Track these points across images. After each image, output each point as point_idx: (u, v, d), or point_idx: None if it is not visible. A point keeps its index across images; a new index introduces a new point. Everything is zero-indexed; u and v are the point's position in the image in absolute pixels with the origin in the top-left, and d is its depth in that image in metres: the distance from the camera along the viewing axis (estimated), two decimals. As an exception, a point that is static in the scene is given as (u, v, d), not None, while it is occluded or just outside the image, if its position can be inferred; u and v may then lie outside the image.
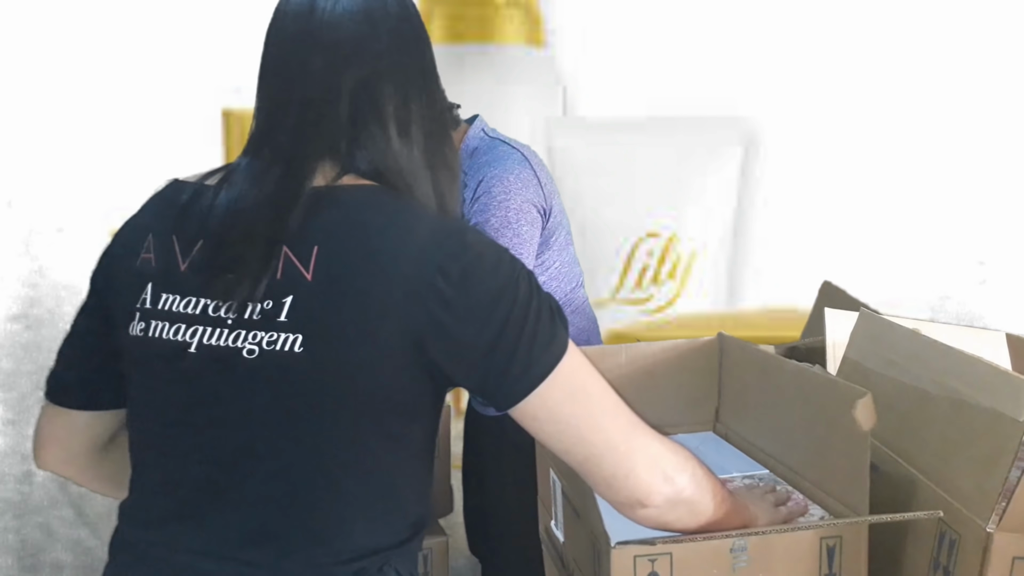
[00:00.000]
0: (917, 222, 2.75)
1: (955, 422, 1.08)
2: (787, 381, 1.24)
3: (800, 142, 2.69)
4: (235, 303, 0.86)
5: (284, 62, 0.92)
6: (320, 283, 0.84)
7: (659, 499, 0.90)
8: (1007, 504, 0.99)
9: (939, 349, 1.15)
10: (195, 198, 0.93)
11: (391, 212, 0.87)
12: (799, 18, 2.64)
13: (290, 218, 0.86)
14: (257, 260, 0.85)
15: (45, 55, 2.46)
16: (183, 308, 0.89)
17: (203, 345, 0.87)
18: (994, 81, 2.67)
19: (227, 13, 2.49)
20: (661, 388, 1.46)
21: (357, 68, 0.90)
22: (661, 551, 0.98)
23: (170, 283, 0.91)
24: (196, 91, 2.50)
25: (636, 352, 1.45)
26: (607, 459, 0.89)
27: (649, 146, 2.76)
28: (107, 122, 2.50)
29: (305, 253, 0.85)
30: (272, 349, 0.85)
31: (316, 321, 0.84)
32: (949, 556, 1.06)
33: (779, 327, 2.62)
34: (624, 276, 2.83)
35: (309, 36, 0.90)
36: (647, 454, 0.90)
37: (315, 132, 0.90)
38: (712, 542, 0.99)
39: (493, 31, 2.71)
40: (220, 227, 0.88)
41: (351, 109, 0.90)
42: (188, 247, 0.90)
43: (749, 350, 1.38)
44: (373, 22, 0.91)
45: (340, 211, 0.87)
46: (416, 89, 0.94)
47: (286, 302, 0.84)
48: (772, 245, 2.76)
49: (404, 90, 0.92)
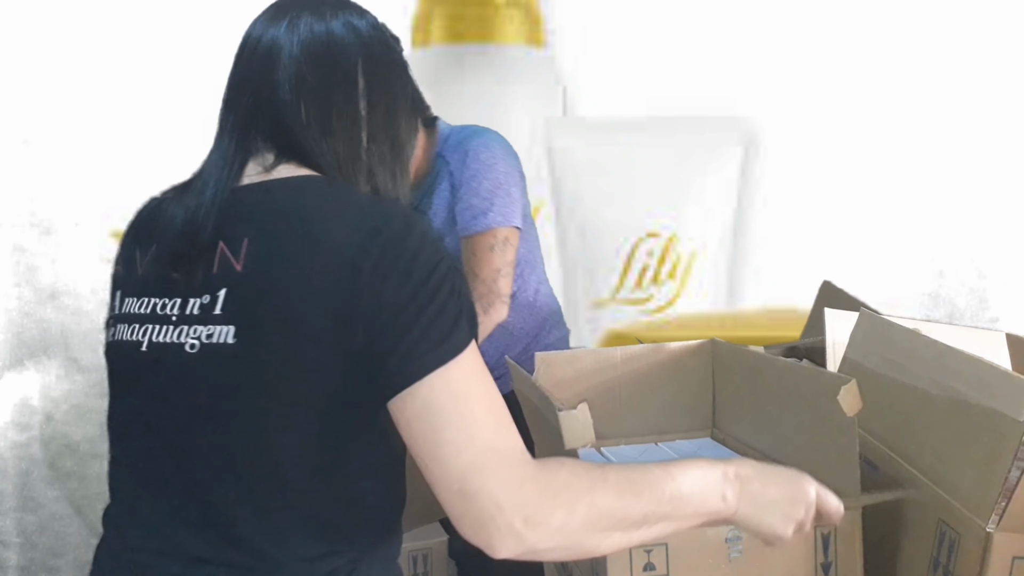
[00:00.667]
0: (917, 222, 2.75)
1: (955, 422, 1.08)
2: (776, 379, 1.26)
3: (800, 142, 2.69)
4: (178, 300, 0.88)
5: (243, 71, 0.98)
6: (249, 273, 0.86)
7: (504, 552, 0.77)
8: (1007, 504, 0.99)
9: (939, 349, 1.15)
10: (156, 206, 0.98)
11: (321, 198, 0.89)
12: (799, 18, 2.64)
13: (226, 213, 0.88)
14: (194, 257, 0.87)
15: (45, 55, 2.46)
16: (138, 309, 0.92)
17: (152, 343, 0.90)
18: (994, 81, 2.67)
19: (227, 13, 2.49)
20: (656, 392, 1.47)
21: (310, 76, 0.94)
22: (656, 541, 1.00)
23: (129, 287, 0.95)
24: (196, 91, 2.50)
25: (630, 354, 1.47)
26: (440, 493, 0.79)
27: (649, 146, 2.76)
28: (107, 122, 2.50)
29: (237, 245, 0.87)
30: (210, 342, 0.85)
31: (246, 312, 0.85)
32: (949, 556, 1.06)
33: (779, 327, 2.62)
34: (624, 276, 2.83)
35: (268, 59, 0.94)
36: (486, 501, 0.76)
37: (256, 128, 0.94)
38: (707, 533, 1.00)
39: (493, 31, 2.70)
40: (167, 228, 0.92)
41: (295, 104, 0.93)
42: (144, 251, 0.94)
43: (740, 352, 1.39)
44: (334, 56, 0.95)
45: (272, 201, 0.89)
46: (374, 93, 0.96)
47: (220, 295, 0.86)
48: (772, 245, 2.76)
49: (353, 93, 0.95)
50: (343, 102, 0.94)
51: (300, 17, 0.95)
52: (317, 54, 0.94)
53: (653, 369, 1.47)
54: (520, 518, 0.76)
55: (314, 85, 0.93)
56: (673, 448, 1.43)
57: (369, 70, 0.96)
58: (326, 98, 0.94)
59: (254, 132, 0.94)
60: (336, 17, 0.96)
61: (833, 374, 1.09)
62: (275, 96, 0.93)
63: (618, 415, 1.46)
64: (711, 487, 0.86)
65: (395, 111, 0.98)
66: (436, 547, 1.61)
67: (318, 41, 0.94)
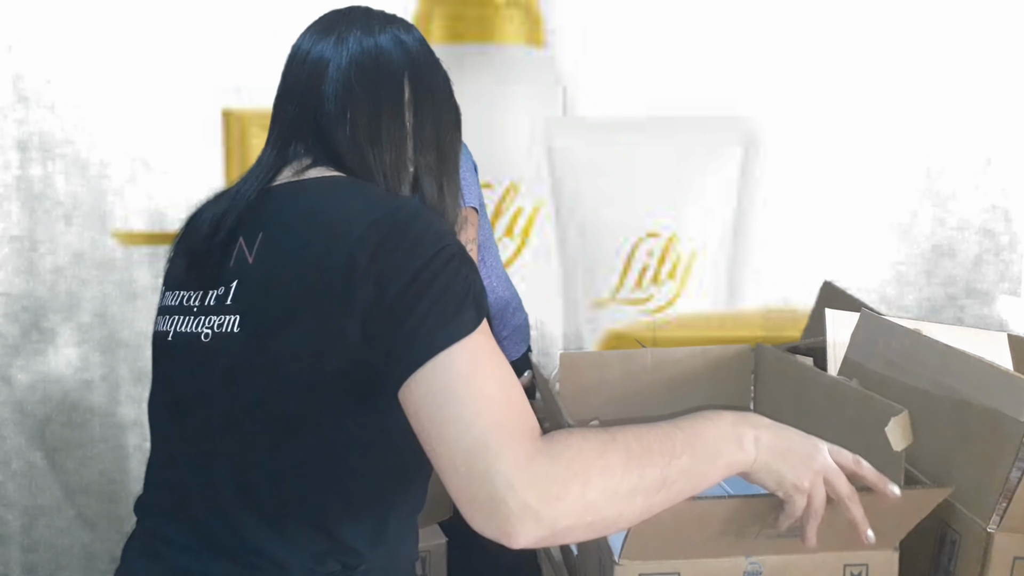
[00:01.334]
0: (917, 222, 2.75)
1: (955, 422, 1.08)
2: (822, 396, 1.18)
3: (800, 142, 2.69)
4: (200, 292, 0.92)
5: (290, 84, 1.01)
6: (259, 265, 0.88)
7: (524, 537, 0.71)
8: (1007, 504, 0.99)
9: (939, 349, 1.15)
10: (200, 210, 1.02)
11: (340, 195, 0.90)
12: (799, 18, 2.63)
13: (253, 211, 0.92)
14: (215, 251, 0.91)
15: (44, 55, 2.45)
16: (171, 302, 0.97)
17: (176, 333, 0.94)
18: (993, 81, 2.67)
19: (227, 13, 2.49)
20: (689, 398, 1.39)
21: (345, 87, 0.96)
22: (668, 568, 0.96)
23: (169, 282, 1.01)
24: (196, 91, 2.50)
25: (663, 357, 1.39)
26: (448, 480, 0.74)
27: (649, 146, 2.76)
28: (107, 121, 2.50)
29: (252, 240, 0.90)
30: (220, 331, 0.88)
31: (251, 301, 0.87)
32: (950, 556, 1.06)
33: (779, 327, 2.62)
34: (624, 276, 2.82)
35: (316, 73, 0.97)
36: (496, 480, 0.70)
37: (298, 139, 0.97)
38: (724, 562, 0.96)
39: (493, 31, 2.70)
40: (199, 228, 0.96)
41: (341, 116, 0.95)
42: (181, 250, 1.00)
43: (786, 362, 1.31)
44: (383, 68, 0.97)
45: (295, 198, 0.92)
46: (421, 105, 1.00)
47: (232, 286, 0.89)
48: (772, 245, 2.76)
49: (400, 104, 0.98)
50: (390, 113, 0.96)
51: (349, 31, 0.98)
52: (365, 67, 0.96)
53: (687, 374, 1.39)
54: (534, 495, 0.70)
55: (361, 96, 0.95)
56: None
57: (416, 83, 0.99)
58: (374, 109, 0.95)
59: (296, 142, 0.97)
60: (384, 31, 0.99)
61: (884, 401, 1.00)
62: (321, 108, 0.95)
63: (647, 419, 1.39)
64: (724, 433, 0.83)
65: (440, 122, 1.01)
66: (435, 550, 1.58)
67: (367, 54, 0.96)
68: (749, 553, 0.98)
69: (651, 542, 0.94)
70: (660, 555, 0.96)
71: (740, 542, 0.96)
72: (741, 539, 0.96)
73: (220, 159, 2.54)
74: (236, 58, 2.47)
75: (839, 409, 1.13)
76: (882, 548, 1.00)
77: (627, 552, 0.95)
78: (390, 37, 0.99)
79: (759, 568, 0.96)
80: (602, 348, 2.78)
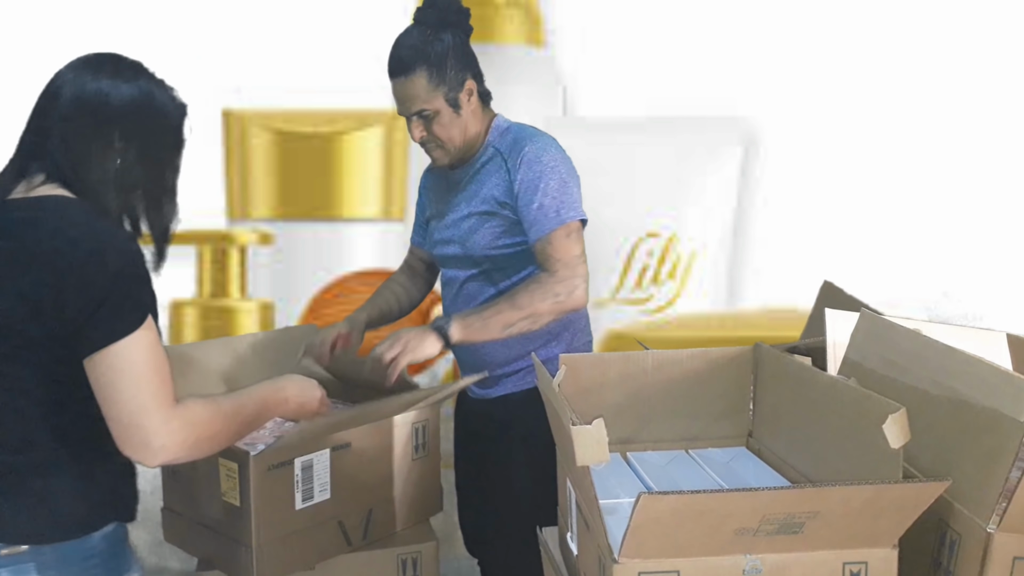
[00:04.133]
0: (917, 222, 2.75)
1: (955, 422, 1.08)
2: (821, 395, 1.19)
3: (800, 142, 2.69)
4: None
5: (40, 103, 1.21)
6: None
7: (152, 460, 1.11)
8: (1007, 504, 0.99)
9: (939, 349, 1.15)
10: None
11: (56, 213, 1.12)
12: (799, 18, 2.64)
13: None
14: None
15: (44, 55, 2.45)
16: None
17: None
18: (993, 81, 2.68)
19: (227, 13, 2.49)
20: (691, 398, 1.40)
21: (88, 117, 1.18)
22: (668, 567, 0.96)
23: None
24: (196, 91, 2.50)
25: (663, 359, 1.40)
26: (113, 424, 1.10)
27: (649, 146, 2.76)
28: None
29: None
30: None
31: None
32: (950, 556, 1.06)
33: (779, 327, 2.62)
34: (624, 276, 2.83)
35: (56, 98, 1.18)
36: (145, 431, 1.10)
37: (34, 156, 1.17)
38: (723, 560, 0.96)
39: (493, 31, 2.70)
40: None
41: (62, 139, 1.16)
42: None
43: (785, 362, 1.32)
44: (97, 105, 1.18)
45: (20, 213, 1.12)
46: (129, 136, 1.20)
47: None
48: (772, 245, 2.76)
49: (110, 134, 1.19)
50: (99, 139, 1.17)
51: (91, 71, 1.19)
52: (85, 101, 1.17)
53: (688, 375, 1.40)
54: (160, 440, 1.10)
55: (80, 128, 1.16)
56: (704, 456, 1.37)
57: (125, 120, 1.19)
58: (86, 135, 1.17)
59: (31, 159, 1.17)
60: (117, 77, 1.20)
61: (882, 400, 1.01)
62: (52, 129, 1.16)
63: (647, 420, 1.41)
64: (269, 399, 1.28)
65: (148, 149, 1.21)
66: (426, 550, 1.57)
67: (89, 92, 1.18)
68: (749, 551, 0.98)
69: (651, 541, 0.95)
70: (660, 554, 0.96)
71: (740, 540, 0.97)
72: (740, 536, 0.96)
73: (220, 159, 2.54)
74: (236, 58, 2.47)
75: (838, 408, 1.14)
76: (881, 546, 1.00)
77: (627, 551, 0.95)
78: (117, 83, 1.20)
79: (759, 566, 0.98)
80: (602, 348, 2.78)
